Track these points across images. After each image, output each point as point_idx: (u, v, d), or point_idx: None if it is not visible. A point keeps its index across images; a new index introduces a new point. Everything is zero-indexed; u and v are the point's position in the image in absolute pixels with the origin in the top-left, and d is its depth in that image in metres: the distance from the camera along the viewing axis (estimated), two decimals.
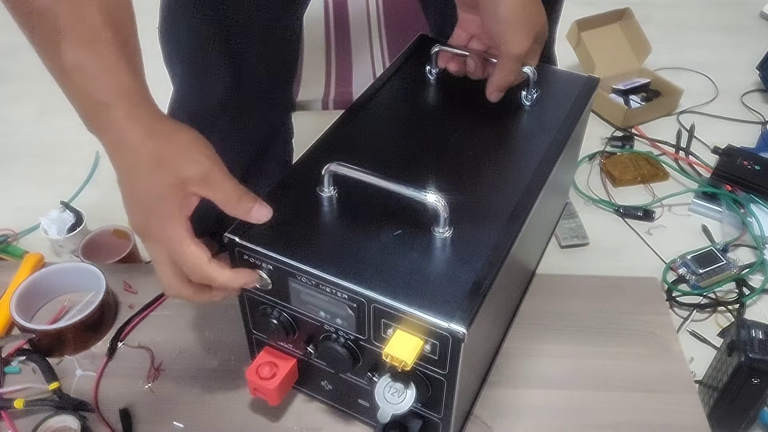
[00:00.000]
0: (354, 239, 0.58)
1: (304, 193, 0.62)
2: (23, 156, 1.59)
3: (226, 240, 0.59)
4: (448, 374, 0.56)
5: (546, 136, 0.69)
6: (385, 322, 0.55)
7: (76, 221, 1.27)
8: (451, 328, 0.51)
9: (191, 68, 0.88)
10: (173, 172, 0.53)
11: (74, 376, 0.74)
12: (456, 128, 0.71)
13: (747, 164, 1.44)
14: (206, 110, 0.89)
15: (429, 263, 0.56)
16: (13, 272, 0.84)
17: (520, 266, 0.70)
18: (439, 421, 0.61)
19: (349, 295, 0.55)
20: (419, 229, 0.58)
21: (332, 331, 0.59)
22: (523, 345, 0.77)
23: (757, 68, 1.84)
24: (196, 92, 0.90)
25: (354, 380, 0.63)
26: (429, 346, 0.54)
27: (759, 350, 0.88)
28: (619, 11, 1.85)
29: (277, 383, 0.64)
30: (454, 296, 0.53)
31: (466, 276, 0.55)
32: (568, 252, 1.31)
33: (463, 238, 0.58)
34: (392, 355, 0.53)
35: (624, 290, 0.84)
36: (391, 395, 0.58)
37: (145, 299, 0.82)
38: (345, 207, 0.61)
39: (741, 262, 1.28)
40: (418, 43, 0.83)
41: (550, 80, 0.77)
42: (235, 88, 0.87)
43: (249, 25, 0.84)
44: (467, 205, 0.60)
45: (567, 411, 0.71)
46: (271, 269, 0.58)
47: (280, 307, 0.61)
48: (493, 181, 0.65)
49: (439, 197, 0.55)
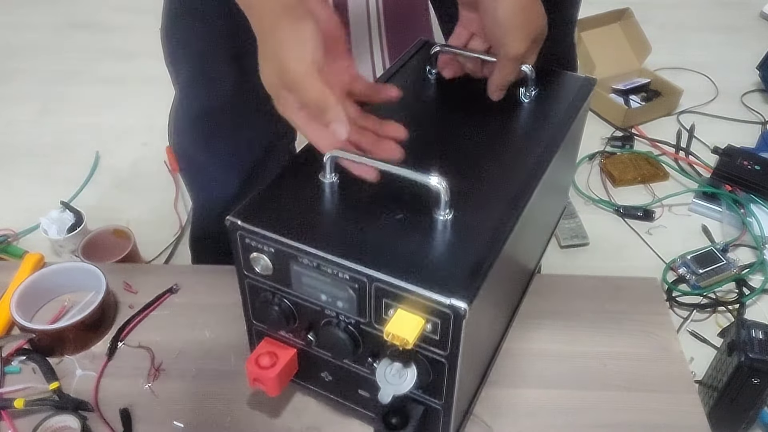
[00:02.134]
0: (355, 223, 0.59)
1: (305, 180, 0.63)
2: (23, 156, 1.60)
3: (228, 223, 0.59)
4: (449, 355, 0.56)
5: (544, 131, 0.70)
6: (387, 302, 0.55)
7: (76, 221, 1.27)
8: (452, 304, 0.52)
9: (197, 68, 0.88)
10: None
11: (74, 376, 0.74)
12: (455, 123, 0.72)
13: (747, 164, 1.44)
14: (213, 111, 0.89)
15: (430, 244, 0.57)
16: (13, 272, 0.84)
17: (520, 254, 0.71)
18: (440, 408, 0.61)
19: (351, 275, 0.55)
20: (420, 214, 0.59)
21: (333, 316, 0.60)
22: (523, 345, 0.77)
23: (757, 68, 1.84)
24: (201, 93, 0.90)
25: (354, 368, 0.63)
26: (430, 326, 0.54)
27: (759, 350, 0.88)
28: (619, 11, 1.85)
29: (277, 372, 0.64)
30: (456, 275, 0.54)
31: (467, 256, 0.55)
32: (568, 252, 1.32)
33: (464, 222, 0.58)
34: (393, 333, 0.53)
35: (624, 290, 0.84)
36: (392, 376, 0.58)
37: (145, 299, 0.82)
38: (346, 193, 0.62)
39: (741, 262, 1.28)
40: (418, 46, 0.84)
41: (548, 80, 0.77)
42: (240, 87, 0.87)
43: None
44: (467, 192, 0.61)
45: (567, 411, 0.71)
46: (273, 252, 0.58)
47: (281, 294, 0.61)
48: (492, 170, 0.66)
49: (440, 179, 0.56)
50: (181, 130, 0.94)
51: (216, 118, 0.89)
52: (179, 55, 0.88)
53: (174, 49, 0.88)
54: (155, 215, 1.40)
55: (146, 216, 1.39)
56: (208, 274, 0.85)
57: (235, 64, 0.85)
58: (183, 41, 0.87)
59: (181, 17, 0.85)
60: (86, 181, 1.50)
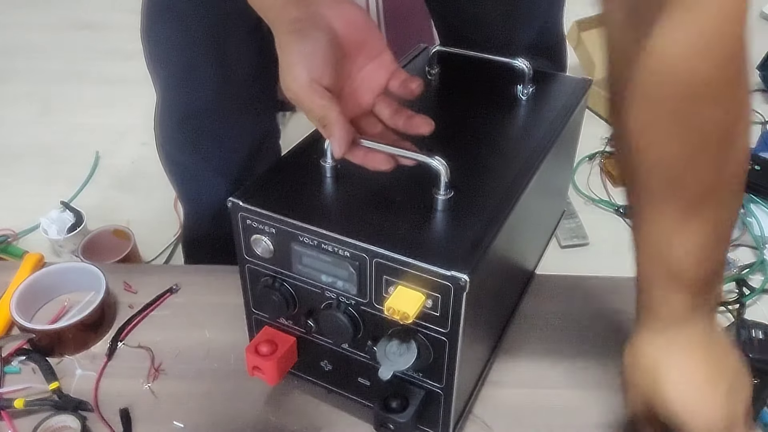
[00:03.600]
0: (356, 203, 0.60)
1: (307, 165, 0.64)
2: (23, 156, 1.60)
3: (230, 204, 0.59)
4: (449, 332, 0.56)
5: (541, 126, 0.72)
6: (387, 279, 0.56)
7: (76, 221, 1.27)
8: (453, 275, 0.52)
9: (178, 70, 0.87)
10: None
11: (74, 376, 0.74)
12: (454, 118, 0.73)
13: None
14: (196, 113, 0.88)
15: (430, 222, 0.58)
16: (13, 272, 0.84)
17: (519, 240, 0.71)
18: (441, 392, 0.61)
19: (351, 252, 0.56)
20: (421, 195, 0.59)
21: (333, 298, 0.60)
22: (523, 345, 0.77)
23: (757, 68, 1.84)
24: (184, 95, 0.89)
25: (354, 354, 0.64)
26: (431, 302, 0.55)
27: (759, 350, 0.88)
28: None
29: (276, 360, 0.64)
30: (456, 249, 0.54)
31: (467, 233, 0.56)
32: (568, 252, 1.32)
33: (464, 202, 0.59)
34: (394, 308, 0.53)
35: (624, 290, 0.84)
36: (393, 353, 0.58)
37: (145, 299, 0.82)
38: (347, 176, 0.63)
39: (741, 262, 1.28)
40: (418, 51, 0.86)
41: (544, 82, 0.79)
42: (223, 89, 0.87)
43: (235, 24, 0.83)
44: (466, 176, 0.62)
45: (567, 411, 0.71)
46: (274, 233, 0.59)
47: (282, 278, 0.62)
48: (490, 160, 0.67)
49: (441, 160, 0.57)
50: (167, 134, 0.93)
51: (200, 120, 0.89)
52: (161, 56, 0.88)
53: (153, 51, 0.87)
54: (155, 215, 1.40)
55: (146, 216, 1.39)
56: (208, 274, 0.85)
57: (217, 66, 0.85)
58: (164, 41, 0.86)
59: (159, 18, 0.84)
60: (86, 181, 1.50)
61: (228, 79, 0.87)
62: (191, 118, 0.89)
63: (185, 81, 0.88)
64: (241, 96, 0.90)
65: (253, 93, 0.91)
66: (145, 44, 0.87)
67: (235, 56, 0.86)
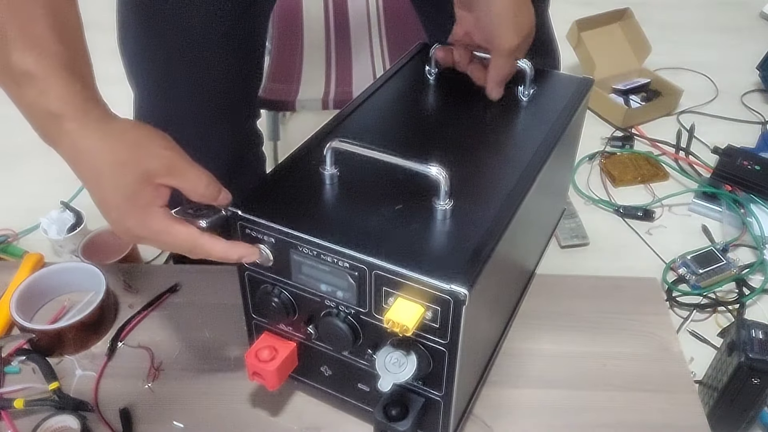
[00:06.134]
0: (355, 212, 0.60)
1: (306, 172, 0.63)
2: (23, 156, 1.60)
3: (229, 213, 0.59)
4: (449, 343, 0.56)
5: (542, 127, 0.71)
6: (387, 290, 0.55)
7: (76, 221, 1.27)
8: (452, 289, 0.52)
9: (152, 80, 0.87)
10: (137, 170, 0.54)
11: (74, 376, 0.74)
12: (454, 119, 0.73)
13: (747, 164, 1.44)
14: (172, 121, 0.88)
15: (430, 233, 0.57)
16: (13, 272, 0.84)
17: (519, 246, 0.71)
18: (441, 400, 0.61)
19: (351, 263, 0.56)
20: (420, 204, 0.59)
21: (333, 307, 0.60)
22: (523, 345, 0.77)
23: (757, 68, 1.84)
24: (160, 103, 0.88)
25: (354, 361, 0.63)
26: (430, 313, 0.54)
27: (759, 350, 0.88)
28: (619, 11, 1.85)
29: (277, 366, 0.64)
30: (456, 261, 0.54)
31: (466, 244, 0.56)
32: (568, 252, 1.32)
33: (463, 211, 0.59)
34: (393, 320, 0.53)
35: (624, 290, 0.84)
36: (392, 365, 0.58)
37: (145, 299, 0.82)
38: (347, 184, 0.62)
39: (741, 262, 1.28)
40: (418, 49, 0.86)
41: (545, 81, 0.79)
42: (199, 97, 0.86)
43: (208, 32, 0.83)
44: (466, 183, 0.62)
45: (567, 411, 0.71)
46: (273, 242, 0.59)
47: (281, 285, 0.62)
48: (490, 164, 0.67)
49: (440, 169, 0.56)
50: None
51: (177, 128, 0.89)
52: (136, 65, 0.87)
53: (130, 60, 0.87)
54: None
55: None
56: (208, 274, 0.85)
57: (191, 76, 0.85)
58: (138, 50, 0.86)
59: (135, 25, 0.84)
60: None
61: (204, 87, 0.86)
62: (167, 127, 0.89)
63: (161, 89, 0.87)
64: (219, 104, 0.89)
65: (232, 100, 0.91)
66: (122, 53, 0.87)
67: (210, 64, 0.85)
